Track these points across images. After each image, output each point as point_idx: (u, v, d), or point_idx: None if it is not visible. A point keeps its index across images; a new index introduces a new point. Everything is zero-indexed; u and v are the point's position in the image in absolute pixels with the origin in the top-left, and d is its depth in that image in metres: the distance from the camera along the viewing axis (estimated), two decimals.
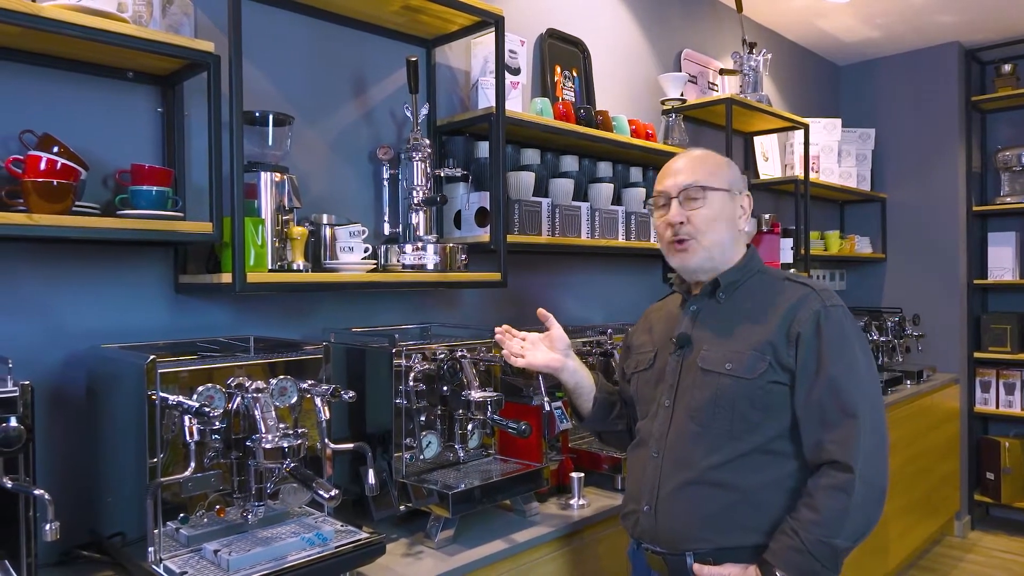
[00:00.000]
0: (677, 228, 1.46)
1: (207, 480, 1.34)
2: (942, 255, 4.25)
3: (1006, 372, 4.19)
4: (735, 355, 1.40)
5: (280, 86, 1.89)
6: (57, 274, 1.54)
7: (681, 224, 1.46)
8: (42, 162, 1.34)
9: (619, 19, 2.96)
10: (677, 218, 1.46)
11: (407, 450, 1.68)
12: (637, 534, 1.49)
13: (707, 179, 1.46)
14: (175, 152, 1.69)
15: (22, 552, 1.16)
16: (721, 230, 1.46)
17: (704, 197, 1.45)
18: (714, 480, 1.38)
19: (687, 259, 1.48)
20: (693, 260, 1.47)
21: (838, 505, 1.28)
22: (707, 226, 1.45)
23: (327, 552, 1.33)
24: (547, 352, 1.65)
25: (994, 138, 4.42)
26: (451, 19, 2.06)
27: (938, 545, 4.02)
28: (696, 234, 1.45)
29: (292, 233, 1.68)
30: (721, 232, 1.46)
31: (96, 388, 1.50)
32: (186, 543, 1.34)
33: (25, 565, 1.16)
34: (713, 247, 1.46)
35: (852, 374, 1.35)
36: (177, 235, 1.49)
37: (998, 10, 3.74)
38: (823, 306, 1.39)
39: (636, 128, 2.63)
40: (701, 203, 1.45)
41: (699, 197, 1.45)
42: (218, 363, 1.39)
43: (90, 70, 1.57)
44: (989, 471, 4.16)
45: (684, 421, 1.43)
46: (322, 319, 1.97)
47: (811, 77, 4.34)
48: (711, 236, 1.46)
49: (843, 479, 1.29)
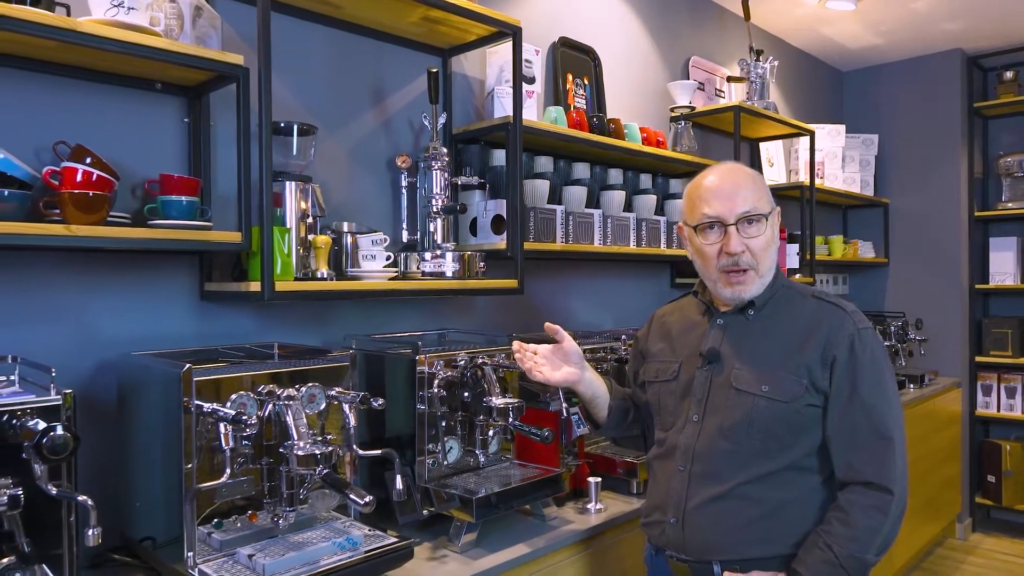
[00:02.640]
0: (737, 258, 1.42)
1: (239, 486, 1.37)
2: (944, 260, 4.30)
3: (1007, 376, 4.23)
4: (772, 377, 1.40)
5: (300, 96, 1.92)
6: (87, 282, 1.57)
7: (742, 253, 1.41)
8: (78, 174, 1.37)
9: (628, 27, 3.00)
10: (739, 247, 1.41)
11: (429, 455, 1.71)
12: (662, 543, 1.50)
13: (762, 202, 1.43)
14: (201, 162, 1.72)
15: (65, 557, 1.18)
16: (773, 255, 1.45)
17: (763, 222, 1.43)
18: (743, 495, 1.39)
19: (743, 290, 1.44)
20: (750, 290, 1.44)
21: (874, 524, 1.32)
22: (765, 253, 1.43)
23: (358, 556, 1.36)
24: (563, 366, 1.62)
25: (995, 144, 4.46)
26: (469, 29, 2.09)
27: (940, 547, 4.06)
28: (755, 264, 1.43)
29: (317, 242, 1.71)
30: (773, 258, 1.45)
31: (127, 395, 1.52)
32: (219, 547, 1.36)
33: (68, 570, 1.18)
34: (767, 274, 1.45)
35: (884, 398, 1.37)
36: (207, 244, 1.52)
37: (1000, 18, 3.78)
38: (856, 329, 1.40)
39: (647, 136, 2.67)
40: (760, 229, 1.42)
41: (758, 222, 1.42)
42: (250, 371, 1.42)
43: (119, 82, 1.60)
44: (990, 474, 4.20)
45: (715, 438, 1.43)
46: (341, 325, 2.00)
47: (815, 83, 4.38)
48: (767, 263, 1.44)
49: (883, 500, 1.32)
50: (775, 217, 1.48)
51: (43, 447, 1.06)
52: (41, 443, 1.06)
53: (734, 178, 1.46)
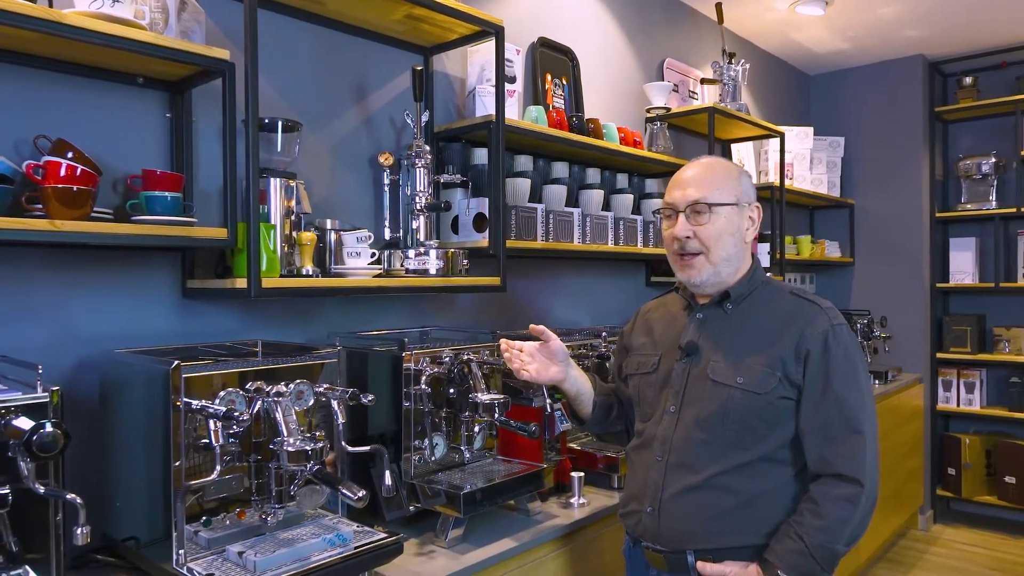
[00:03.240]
0: (684, 242, 1.49)
1: (228, 483, 1.36)
2: (907, 259, 4.42)
3: (966, 371, 4.37)
4: (747, 369, 1.44)
5: (283, 92, 1.91)
6: (67, 279, 1.55)
7: (688, 239, 1.48)
8: (62, 168, 1.35)
9: (605, 28, 3.03)
10: (683, 232, 1.48)
11: (415, 452, 1.72)
12: (638, 533, 1.53)
13: (715, 194, 1.48)
14: (183, 158, 1.70)
15: (52, 557, 1.17)
16: (728, 245, 1.49)
17: (711, 212, 1.47)
18: (717, 485, 1.43)
19: (693, 275, 1.50)
20: (699, 276, 1.49)
21: (844, 515, 1.36)
22: (714, 242, 1.47)
23: (348, 552, 1.36)
24: (549, 365, 1.64)
25: (955, 147, 4.61)
26: (452, 28, 2.09)
27: (903, 539, 4.18)
28: (703, 249, 1.48)
29: (302, 239, 1.71)
30: (728, 247, 1.49)
31: (110, 393, 1.50)
32: (207, 546, 1.35)
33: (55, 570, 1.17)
34: (720, 262, 1.49)
35: (856, 392, 1.41)
36: (193, 241, 1.51)
37: (960, 26, 3.91)
38: (831, 325, 1.44)
39: (625, 136, 2.70)
40: (707, 218, 1.47)
41: (705, 212, 1.47)
42: (239, 368, 1.41)
43: (101, 75, 1.58)
44: (951, 467, 4.34)
45: (691, 428, 1.47)
46: (324, 323, 1.99)
47: (784, 86, 4.48)
48: (718, 251, 1.48)
49: (853, 491, 1.36)
50: (743, 210, 1.51)
51: (33, 444, 1.04)
52: (31, 441, 1.04)
53: (696, 170, 1.54)
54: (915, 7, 3.64)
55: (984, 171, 4.32)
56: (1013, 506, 4.12)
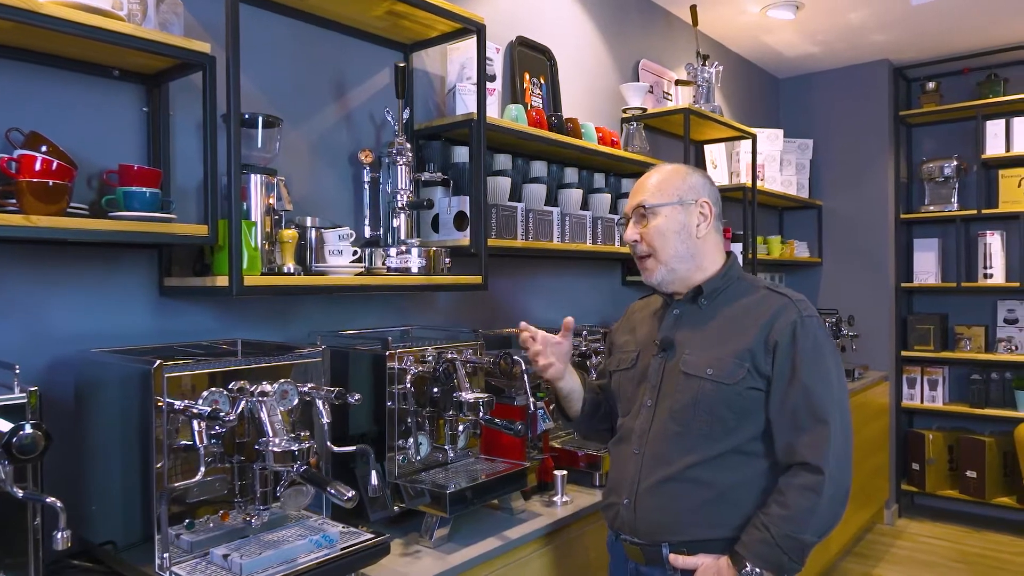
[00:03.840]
0: (633, 246, 1.57)
1: (212, 485, 1.33)
2: (873, 260, 4.52)
3: (930, 369, 4.49)
4: (716, 361, 1.46)
5: (262, 87, 1.88)
6: (40, 276, 1.50)
7: (635, 242, 1.56)
8: (37, 162, 1.31)
9: (582, 28, 3.04)
10: (630, 237, 1.57)
11: (399, 452, 1.70)
12: (617, 525, 1.55)
13: (653, 197, 1.54)
14: (160, 153, 1.66)
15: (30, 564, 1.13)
16: (675, 243, 1.53)
17: (653, 214, 1.53)
18: (691, 477, 1.45)
19: (648, 276, 1.57)
20: (653, 276, 1.56)
21: (808, 503, 1.37)
22: (658, 242, 1.53)
23: (335, 554, 1.34)
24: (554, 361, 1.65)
25: (918, 150, 4.73)
26: (432, 25, 2.08)
27: (869, 533, 4.27)
28: (651, 251, 1.54)
29: (283, 236, 1.68)
30: (676, 245, 1.53)
31: (86, 393, 1.46)
32: (189, 549, 1.32)
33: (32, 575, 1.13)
34: (671, 261, 1.53)
35: (824, 382, 1.43)
36: (172, 237, 1.47)
37: (925, 33, 4.01)
38: (799, 316, 1.46)
39: (603, 136, 2.72)
40: (649, 221, 1.54)
41: (647, 215, 1.54)
42: (223, 367, 1.38)
43: (75, 67, 1.54)
44: (915, 462, 4.44)
45: (665, 421, 1.49)
46: (303, 323, 1.96)
47: (754, 88, 4.54)
48: (666, 251, 1.53)
49: (814, 480, 1.37)
50: (689, 208, 1.53)
51: (13, 447, 1.01)
52: (10, 443, 1.01)
53: (643, 177, 1.60)
54: (883, 13, 3.73)
55: (946, 174, 4.44)
56: (974, 499, 4.23)
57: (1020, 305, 4.28)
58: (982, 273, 4.29)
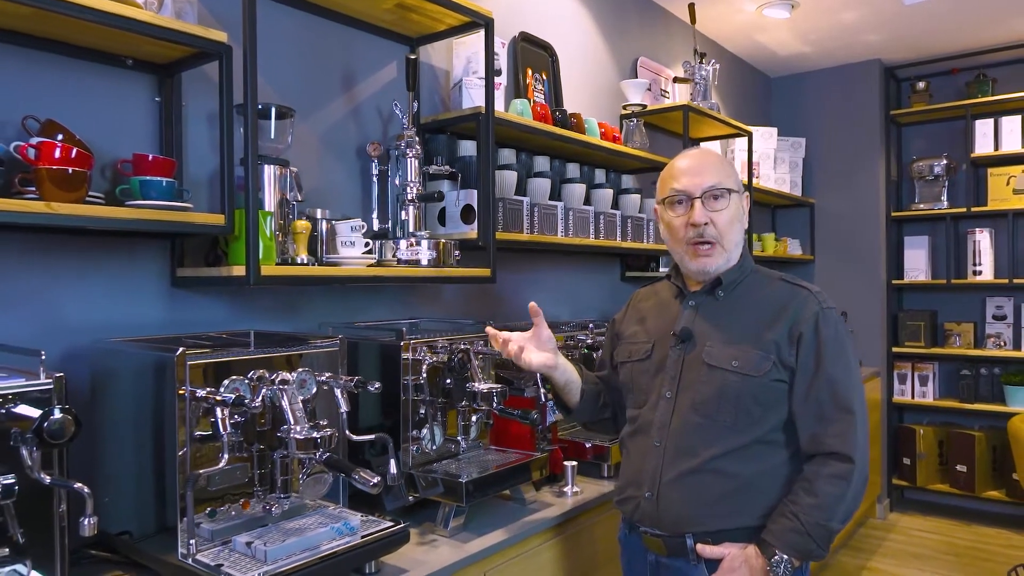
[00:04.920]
0: (702, 229, 1.49)
1: (233, 473, 1.33)
2: (864, 257, 4.58)
3: (920, 365, 4.55)
4: (741, 352, 1.47)
5: (270, 79, 1.88)
6: (52, 266, 1.49)
7: (706, 225, 1.49)
8: (57, 150, 1.30)
9: (583, 25, 3.06)
10: (703, 219, 1.49)
11: (413, 442, 1.71)
12: (637, 518, 1.54)
13: (728, 180, 1.51)
14: (172, 143, 1.66)
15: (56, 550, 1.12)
16: (739, 232, 1.53)
17: (727, 197, 1.50)
18: (715, 468, 1.45)
19: (709, 263, 1.51)
20: (715, 263, 1.51)
21: (837, 491, 1.39)
22: (729, 228, 1.50)
23: (356, 541, 1.35)
24: (539, 353, 1.62)
25: (908, 149, 4.79)
26: (441, 19, 2.09)
27: (862, 527, 4.32)
28: (719, 237, 1.50)
29: (297, 227, 1.68)
30: (738, 233, 1.53)
31: (102, 383, 1.45)
32: (210, 537, 1.32)
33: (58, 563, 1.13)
34: (732, 249, 1.52)
35: (847, 372, 1.45)
36: (190, 227, 1.47)
37: (915, 33, 4.07)
38: (821, 308, 1.48)
39: (605, 131, 2.73)
40: (724, 204, 1.50)
41: (723, 197, 1.49)
42: (246, 355, 1.38)
43: (89, 56, 1.53)
44: (906, 456, 4.50)
45: (687, 413, 1.49)
46: (312, 314, 1.96)
47: (747, 87, 4.58)
48: (731, 238, 1.51)
49: (844, 468, 1.39)
50: (742, 198, 1.55)
51: (44, 432, 1.00)
52: (42, 427, 1.00)
53: (703, 158, 1.56)
54: (875, 13, 3.78)
55: (936, 172, 4.50)
56: (964, 493, 4.30)
57: (1008, 301, 4.35)
58: (971, 270, 4.36)
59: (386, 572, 1.41)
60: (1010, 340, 4.30)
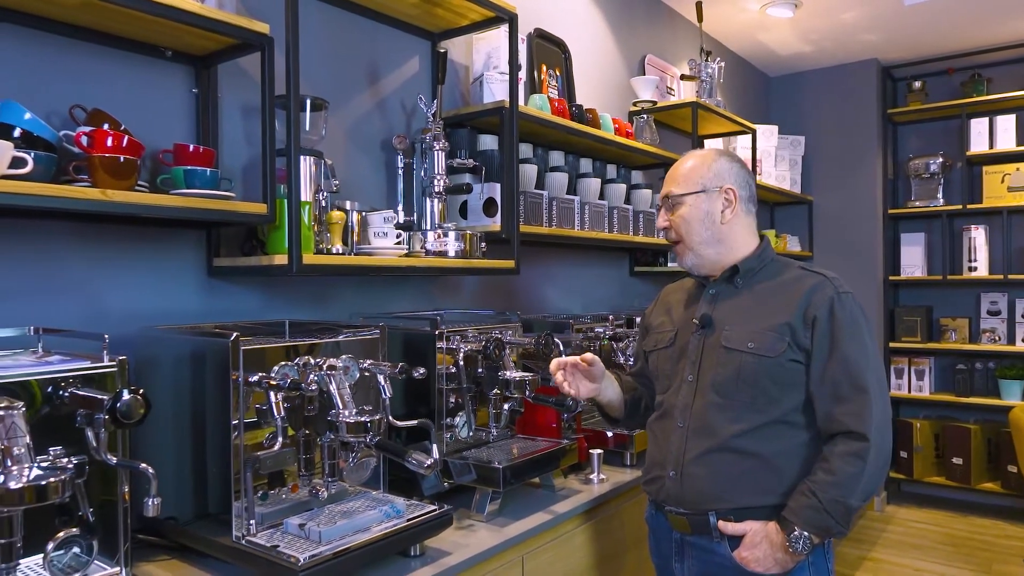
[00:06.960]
0: (664, 232, 1.66)
1: (284, 457, 1.35)
2: (862, 253, 4.65)
3: (916, 360, 4.62)
4: (756, 335, 1.52)
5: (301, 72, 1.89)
6: (94, 255, 1.51)
7: (666, 229, 1.65)
8: (109, 138, 1.31)
9: (594, 22, 3.10)
10: (661, 224, 1.65)
11: (447, 429, 1.73)
12: (661, 498, 1.59)
13: (679, 187, 1.61)
14: (209, 133, 1.67)
15: (119, 530, 1.14)
16: (700, 230, 1.59)
17: (680, 203, 1.61)
18: (736, 447, 1.50)
19: (680, 260, 1.66)
20: (685, 260, 1.64)
21: (854, 469, 1.43)
22: (684, 229, 1.61)
23: (403, 524, 1.37)
24: (588, 383, 1.68)
25: (905, 148, 4.87)
26: (464, 14, 2.11)
27: (861, 519, 4.39)
28: (681, 238, 1.62)
29: (332, 218, 1.70)
30: (700, 232, 1.59)
31: (146, 370, 1.47)
32: (260, 520, 1.34)
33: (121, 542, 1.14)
34: (698, 246, 1.60)
35: (862, 352, 1.49)
36: (234, 215, 1.49)
37: (912, 33, 4.14)
38: (836, 292, 1.53)
39: (618, 127, 2.77)
40: (682, 209, 1.61)
41: (675, 204, 1.62)
42: (294, 341, 1.40)
43: (129, 47, 1.55)
44: (903, 450, 4.57)
45: (708, 394, 1.54)
46: (341, 304, 1.98)
47: (747, 86, 4.64)
48: (691, 237, 1.60)
49: (859, 447, 1.43)
50: (712, 195, 1.58)
51: (116, 412, 1.02)
52: (114, 408, 1.02)
53: (677, 166, 1.67)
54: (874, 13, 3.84)
55: (932, 170, 4.58)
56: (959, 485, 4.38)
57: (1003, 297, 4.44)
58: (966, 266, 4.44)
59: (430, 554, 1.43)
60: (1004, 335, 4.39)
